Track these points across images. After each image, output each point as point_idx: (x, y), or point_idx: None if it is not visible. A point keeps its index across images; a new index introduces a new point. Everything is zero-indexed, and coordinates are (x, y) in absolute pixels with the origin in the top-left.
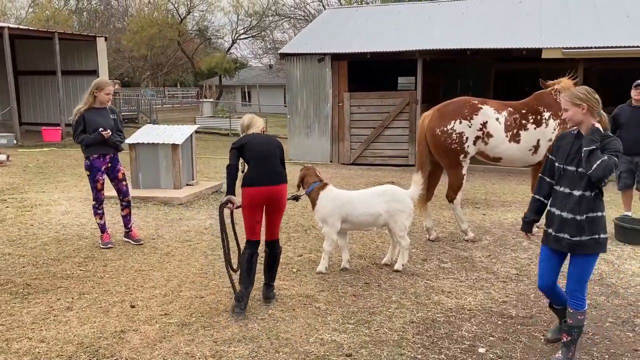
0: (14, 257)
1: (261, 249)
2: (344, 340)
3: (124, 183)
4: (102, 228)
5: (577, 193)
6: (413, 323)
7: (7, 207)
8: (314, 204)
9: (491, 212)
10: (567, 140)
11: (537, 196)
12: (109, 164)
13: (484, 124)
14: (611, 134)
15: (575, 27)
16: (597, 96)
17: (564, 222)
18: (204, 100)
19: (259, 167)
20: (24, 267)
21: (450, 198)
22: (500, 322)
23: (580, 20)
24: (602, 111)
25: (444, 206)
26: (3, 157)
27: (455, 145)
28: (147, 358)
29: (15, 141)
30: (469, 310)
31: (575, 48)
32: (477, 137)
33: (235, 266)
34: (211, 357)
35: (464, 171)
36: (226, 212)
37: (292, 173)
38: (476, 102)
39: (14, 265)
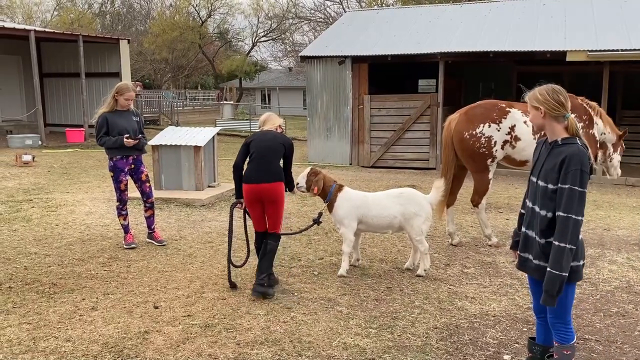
0: (40, 257)
1: None
2: (367, 345)
3: (148, 184)
4: (126, 229)
5: (544, 213)
6: (436, 329)
7: (33, 207)
8: (331, 207)
9: (514, 216)
10: (537, 149)
11: (522, 210)
12: (132, 166)
13: (512, 128)
14: (575, 141)
15: (600, 29)
16: (561, 97)
17: (530, 241)
18: (225, 102)
19: (254, 165)
20: (49, 266)
21: (476, 202)
22: (525, 329)
23: (606, 22)
24: (569, 114)
25: (466, 210)
26: (29, 157)
27: (484, 150)
28: (170, 359)
29: (40, 142)
30: (494, 316)
31: (600, 50)
32: (505, 141)
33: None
34: None
35: (491, 175)
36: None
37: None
38: (504, 105)
39: (40, 265)
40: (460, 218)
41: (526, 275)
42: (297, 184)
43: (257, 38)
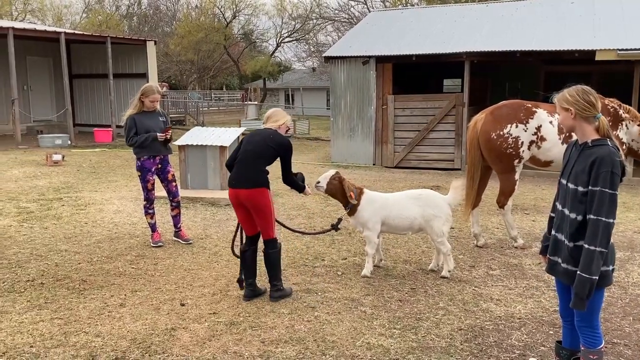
0: (70, 254)
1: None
2: (391, 345)
3: (174, 184)
4: (153, 227)
5: (574, 216)
6: (461, 330)
7: (63, 205)
8: (354, 211)
9: (541, 218)
10: (567, 151)
11: (552, 214)
12: (159, 165)
13: (539, 128)
14: (605, 143)
15: (630, 28)
16: (591, 97)
17: (559, 245)
18: (249, 103)
19: (235, 168)
20: (79, 263)
21: (501, 204)
22: (551, 332)
23: (636, 20)
24: (599, 114)
25: (491, 212)
26: (59, 157)
27: (511, 150)
28: (197, 356)
29: (69, 142)
30: (519, 318)
31: (631, 50)
32: (532, 142)
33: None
34: (259, 357)
35: (517, 176)
36: None
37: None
38: (530, 105)
39: (70, 262)
40: (486, 219)
41: (553, 278)
42: (318, 182)
43: (281, 39)
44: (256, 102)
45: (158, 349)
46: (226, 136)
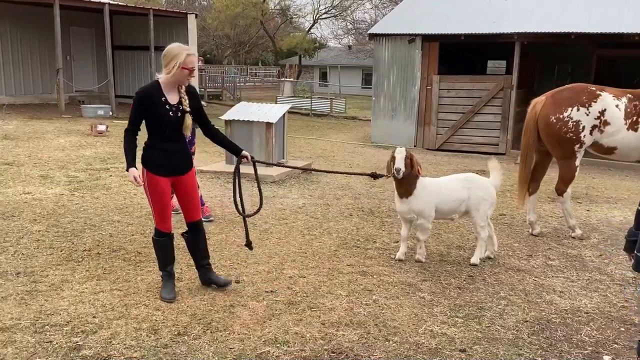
0: (123, 225)
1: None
2: (455, 335)
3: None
4: (200, 201)
5: None
6: (526, 322)
7: (111, 175)
8: (407, 194)
9: (596, 208)
10: None
11: None
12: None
13: (602, 112)
14: None
15: None
16: None
17: None
18: (285, 80)
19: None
20: (132, 235)
21: (560, 191)
22: (622, 329)
23: None
24: None
25: (543, 199)
26: (103, 127)
27: (571, 134)
28: (258, 335)
29: (110, 112)
30: (586, 313)
31: None
32: (594, 126)
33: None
34: (321, 340)
35: (577, 163)
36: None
37: (377, 156)
38: (594, 88)
39: (123, 233)
40: (538, 207)
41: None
42: (398, 169)
43: (318, 15)
44: (292, 79)
45: (219, 325)
46: (272, 112)
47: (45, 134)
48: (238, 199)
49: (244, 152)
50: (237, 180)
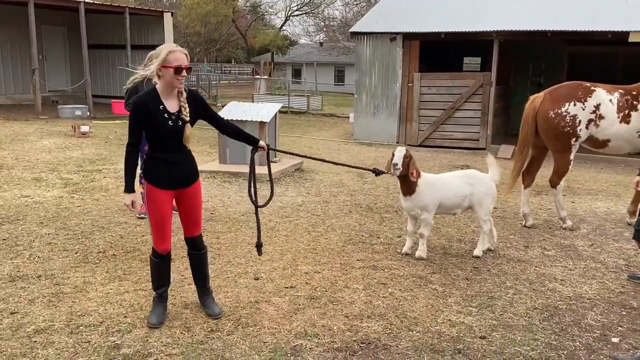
0: (131, 226)
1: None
2: (472, 323)
3: None
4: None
5: None
6: (536, 309)
7: (105, 177)
8: (410, 192)
9: (580, 200)
10: None
11: None
12: None
13: (597, 107)
14: None
15: None
16: None
17: None
18: (260, 77)
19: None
20: (143, 235)
21: (554, 183)
22: (624, 313)
23: None
24: None
25: (532, 192)
26: (86, 128)
27: (568, 129)
28: (287, 329)
29: (88, 113)
30: (589, 299)
31: None
32: (590, 120)
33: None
34: (348, 332)
35: (572, 156)
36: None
37: (363, 153)
38: (588, 84)
39: (133, 234)
40: None
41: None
42: (396, 165)
43: (290, 12)
44: (266, 77)
45: (248, 321)
46: (264, 111)
47: (27, 135)
48: (252, 191)
49: (262, 143)
50: (253, 171)
